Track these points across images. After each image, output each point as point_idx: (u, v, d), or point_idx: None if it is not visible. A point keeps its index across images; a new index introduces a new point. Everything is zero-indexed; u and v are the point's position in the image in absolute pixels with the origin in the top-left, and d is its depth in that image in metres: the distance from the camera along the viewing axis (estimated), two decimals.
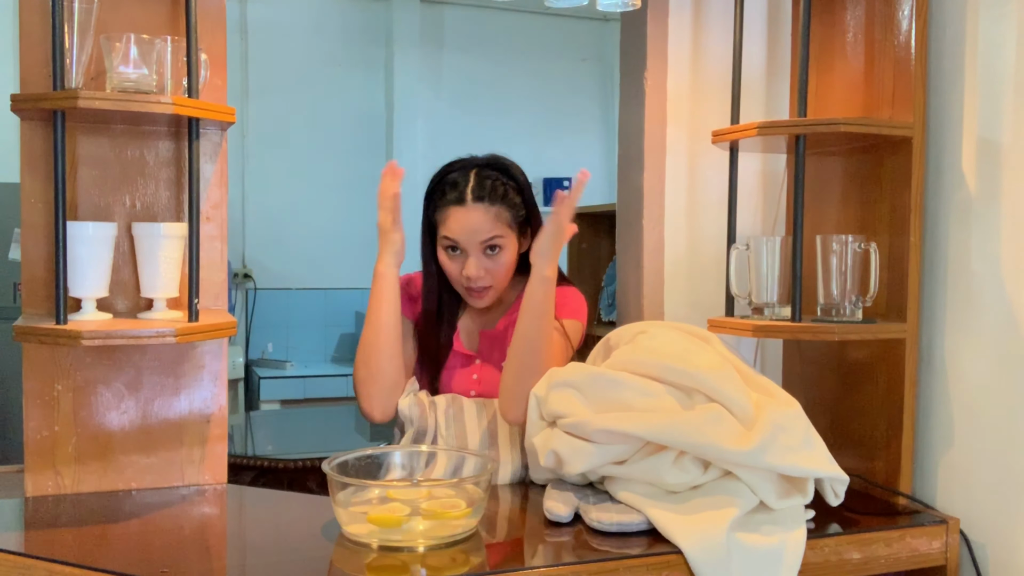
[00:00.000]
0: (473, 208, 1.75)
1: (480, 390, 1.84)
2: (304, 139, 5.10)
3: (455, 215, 1.76)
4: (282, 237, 5.06)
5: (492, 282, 1.78)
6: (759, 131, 1.66)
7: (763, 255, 1.73)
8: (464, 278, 1.77)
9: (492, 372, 1.85)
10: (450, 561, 1.29)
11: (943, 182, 1.67)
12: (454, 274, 1.79)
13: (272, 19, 5.04)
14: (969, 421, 1.62)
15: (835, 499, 1.49)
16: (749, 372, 1.57)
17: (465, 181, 1.78)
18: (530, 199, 1.83)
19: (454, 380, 1.86)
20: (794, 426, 1.45)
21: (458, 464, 1.62)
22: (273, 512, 1.63)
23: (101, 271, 1.50)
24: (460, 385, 1.85)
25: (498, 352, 1.86)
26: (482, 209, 1.75)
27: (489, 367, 1.86)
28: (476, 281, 1.77)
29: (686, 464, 1.44)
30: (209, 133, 1.65)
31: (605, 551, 1.35)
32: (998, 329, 1.56)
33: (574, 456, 1.49)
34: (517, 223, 1.80)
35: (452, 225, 1.76)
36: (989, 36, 1.58)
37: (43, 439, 1.59)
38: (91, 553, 1.31)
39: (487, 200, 1.75)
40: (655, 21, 1.99)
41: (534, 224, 1.83)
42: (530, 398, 1.59)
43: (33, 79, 1.55)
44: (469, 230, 1.75)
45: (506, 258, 1.78)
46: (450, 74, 5.40)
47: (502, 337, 1.86)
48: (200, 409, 1.67)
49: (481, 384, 1.85)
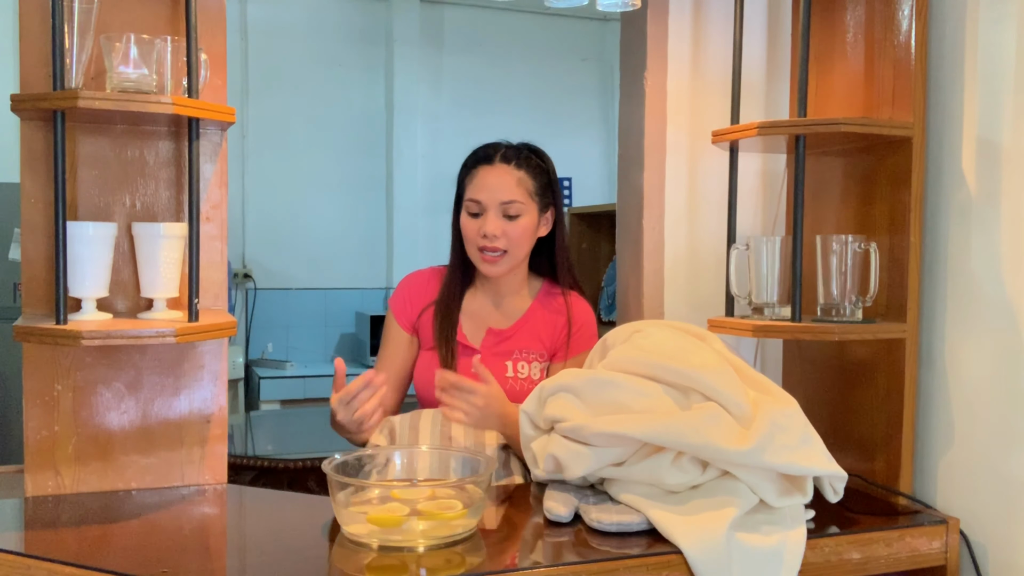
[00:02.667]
0: (498, 166, 1.84)
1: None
2: (304, 139, 5.10)
3: (481, 173, 1.84)
4: (282, 237, 5.06)
5: (508, 246, 1.82)
6: (759, 131, 1.66)
7: (763, 255, 1.73)
8: (480, 236, 1.81)
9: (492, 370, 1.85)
10: (450, 561, 1.29)
11: (943, 182, 1.67)
12: (472, 234, 1.83)
13: (272, 19, 5.04)
14: (969, 421, 1.62)
15: (834, 496, 1.49)
16: (746, 370, 1.56)
17: (496, 149, 1.87)
18: (555, 181, 1.91)
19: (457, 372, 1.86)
20: (792, 424, 1.45)
21: (458, 464, 1.62)
22: (273, 512, 1.63)
23: (101, 271, 1.50)
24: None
25: (502, 351, 1.86)
26: (506, 169, 1.84)
27: (489, 365, 1.86)
28: (492, 240, 1.80)
29: (685, 464, 1.44)
30: (209, 133, 1.65)
31: (605, 551, 1.35)
32: (998, 329, 1.56)
33: (573, 460, 1.49)
34: (539, 196, 1.86)
35: (476, 183, 1.84)
36: (989, 36, 1.58)
37: (43, 439, 1.59)
38: (91, 553, 1.31)
39: (513, 163, 1.84)
40: (655, 21, 1.99)
41: (556, 207, 1.91)
42: (520, 414, 1.60)
43: (33, 79, 1.55)
44: (492, 187, 1.82)
45: (524, 224, 1.83)
46: (450, 74, 5.40)
47: (510, 337, 1.87)
48: (200, 409, 1.67)
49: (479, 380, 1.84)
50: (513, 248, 1.83)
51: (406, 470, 1.57)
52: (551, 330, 1.90)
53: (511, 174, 1.83)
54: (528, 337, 1.89)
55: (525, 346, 1.89)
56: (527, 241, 1.85)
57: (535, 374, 1.88)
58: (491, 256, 1.82)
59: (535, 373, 1.88)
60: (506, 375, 1.87)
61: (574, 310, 1.91)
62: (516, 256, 1.85)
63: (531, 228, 1.84)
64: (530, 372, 1.88)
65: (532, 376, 1.88)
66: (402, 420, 1.76)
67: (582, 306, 1.93)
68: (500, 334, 1.88)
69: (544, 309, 1.91)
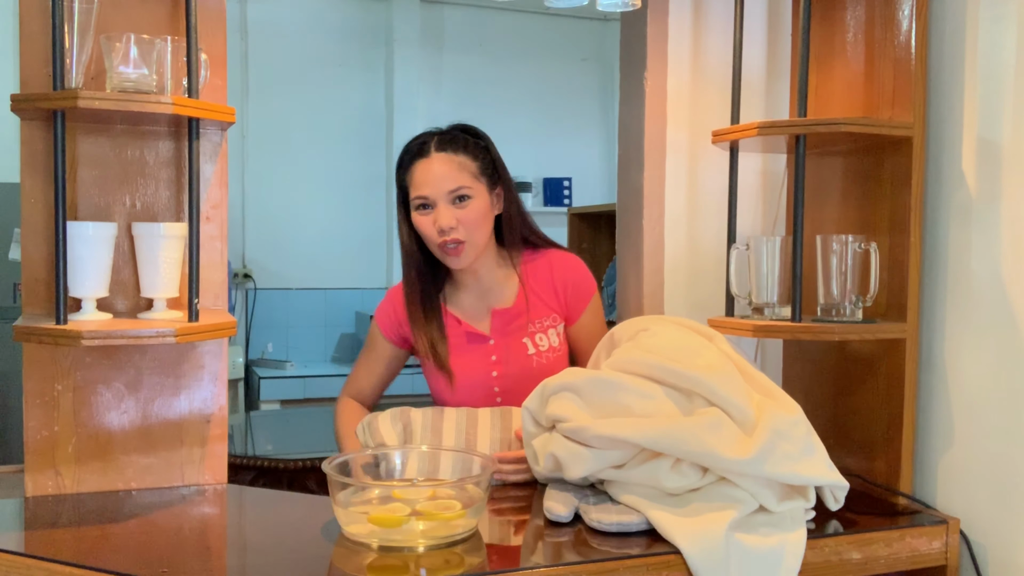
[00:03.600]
0: (436, 157, 1.79)
1: (502, 371, 1.82)
2: (304, 139, 5.10)
3: (420, 168, 1.79)
4: (282, 237, 5.06)
5: (466, 235, 1.77)
6: (759, 131, 1.66)
7: (763, 255, 1.73)
8: (437, 231, 1.77)
9: (510, 352, 1.83)
10: (450, 561, 1.29)
11: (943, 182, 1.67)
12: (429, 232, 1.79)
13: (272, 19, 5.04)
14: (969, 421, 1.62)
15: (835, 504, 1.49)
16: (751, 372, 1.56)
17: (429, 140, 1.82)
18: (495, 154, 1.86)
19: (471, 367, 1.83)
20: (794, 433, 1.43)
21: (460, 464, 1.62)
22: (273, 512, 1.63)
23: (101, 271, 1.50)
24: (479, 372, 1.83)
25: (514, 329, 1.84)
26: (445, 157, 1.78)
27: (505, 347, 1.84)
28: (449, 232, 1.76)
29: (684, 469, 1.43)
30: (209, 133, 1.65)
31: (605, 551, 1.34)
32: (998, 329, 1.56)
33: (572, 461, 1.49)
34: (486, 175, 1.81)
35: (418, 179, 1.78)
36: (989, 36, 1.58)
37: (43, 439, 1.59)
38: (91, 553, 1.31)
39: (449, 150, 1.79)
40: (655, 21, 1.99)
41: (503, 180, 1.86)
42: (522, 412, 1.59)
43: (33, 79, 1.55)
44: (434, 179, 1.77)
45: (477, 207, 1.78)
46: (450, 74, 5.40)
47: (519, 314, 1.85)
48: (200, 409, 1.67)
49: (501, 365, 1.83)
50: (472, 235, 1.78)
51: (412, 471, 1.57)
52: (551, 292, 1.88)
53: (451, 161, 1.78)
54: (535, 307, 1.86)
55: (536, 316, 1.86)
56: (484, 224, 1.80)
57: (554, 341, 1.86)
58: (452, 248, 1.78)
59: (554, 340, 1.86)
60: (528, 353, 1.84)
61: (556, 269, 1.89)
62: (477, 243, 1.80)
63: (485, 209, 1.80)
64: (550, 341, 1.86)
65: (553, 344, 1.86)
66: (424, 418, 1.74)
67: (565, 262, 1.91)
68: (506, 313, 1.86)
69: (535, 275, 1.89)
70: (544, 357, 1.84)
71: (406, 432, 1.72)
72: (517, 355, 1.84)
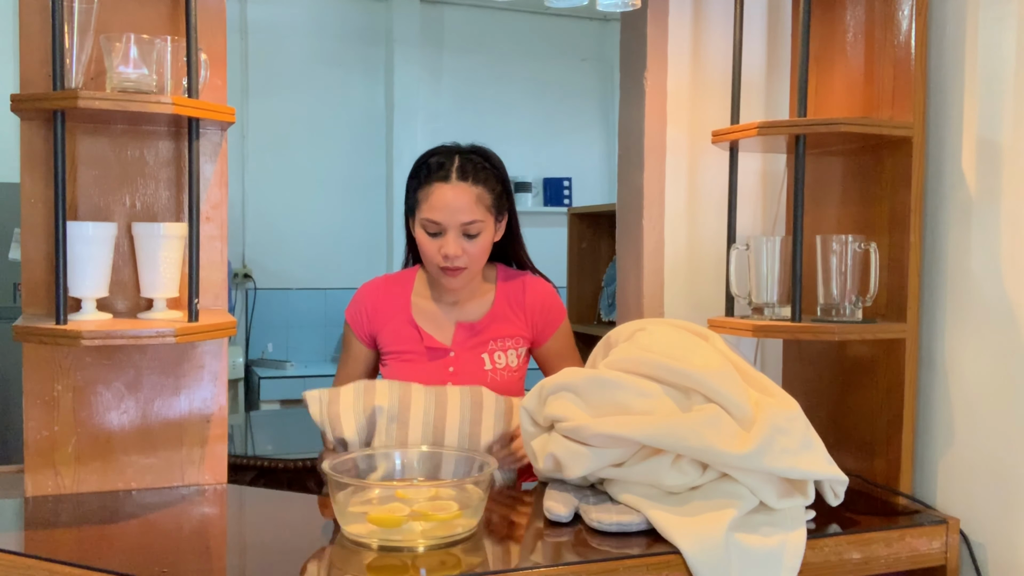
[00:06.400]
0: (457, 185, 1.78)
1: (456, 383, 1.82)
2: (304, 139, 5.10)
3: (439, 191, 1.78)
4: (282, 237, 5.06)
5: (468, 263, 1.80)
6: (759, 131, 1.66)
7: (763, 255, 1.73)
8: (442, 257, 1.78)
9: (467, 366, 1.85)
10: (449, 562, 1.29)
11: (943, 182, 1.67)
12: (431, 253, 1.80)
13: (272, 19, 5.04)
14: (969, 421, 1.62)
15: (835, 499, 1.49)
16: (749, 370, 1.56)
17: (450, 162, 1.81)
18: (507, 186, 1.88)
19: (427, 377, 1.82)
20: (792, 428, 1.44)
21: (460, 464, 1.62)
22: (273, 512, 1.63)
23: (101, 271, 1.50)
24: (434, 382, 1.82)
25: (476, 343, 1.86)
26: (465, 187, 1.78)
27: (464, 359, 1.85)
28: (454, 260, 1.78)
29: (684, 466, 1.44)
30: (209, 133, 1.65)
31: (605, 551, 1.35)
32: (998, 329, 1.56)
33: (572, 460, 1.49)
34: (495, 207, 1.83)
35: (435, 202, 1.78)
36: (989, 36, 1.58)
37: (43, 439, 1.59)
38: (91, 553, 1.31)
39: (471, 180, 1.79)
40: (655, 21, 1.99)
41: (510, 208, 1.89)
42: (520, 412, 1.60)
43: (33, 79, 1.55)
44: (452, 208, 1.77)
45: (483, 240, 1.81)
46: (450, 74, 5.40)
47: (483, 329, 1.87)
48: (200, 409, 1.67)
49: (456, 377, 1.84)
50: (473, 264, 1.81)
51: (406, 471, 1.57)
52: (521, 313, 1.90)
53: (469, 192, 1.78)
54: (501, 325, 1.89)
55: (500, 334, 1.88)
56: (486, 254, 1.84)
57: (512, 362, 1.88)
58: (452, 271, 1.80)
59: (512, 361, 1.88)
60: (484, 368, 1.86)
61: (529, 293, 1.91)
62: (476, 271, 1.85)
63: (489, 242, 1.84)
64: (508, 361, 1.88)
65: (510, 364, 1.88)
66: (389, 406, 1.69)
67: (538, 287, 1.93)
68: (472, 327, 1.87)
69: (508, 295, 1.91)
70: (499, 375, 1.86)
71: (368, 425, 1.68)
72: (474, 369, 1.85)
